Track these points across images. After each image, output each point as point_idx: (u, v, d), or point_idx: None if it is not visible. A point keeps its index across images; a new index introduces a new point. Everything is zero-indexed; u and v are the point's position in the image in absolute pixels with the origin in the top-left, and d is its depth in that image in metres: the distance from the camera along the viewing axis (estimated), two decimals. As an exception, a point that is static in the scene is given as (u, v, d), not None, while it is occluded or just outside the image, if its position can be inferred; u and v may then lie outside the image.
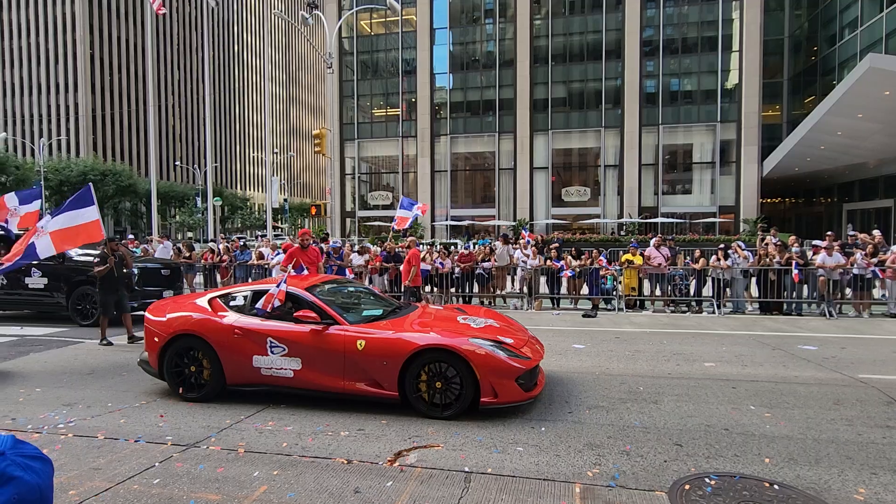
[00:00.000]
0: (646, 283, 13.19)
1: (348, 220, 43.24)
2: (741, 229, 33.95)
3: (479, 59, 41.28)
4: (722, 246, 12.52)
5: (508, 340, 5.39)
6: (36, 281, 10.87)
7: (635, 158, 37.63)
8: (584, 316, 11.59)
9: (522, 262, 12.99)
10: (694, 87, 37.75)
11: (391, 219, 15.25)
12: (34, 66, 72.30)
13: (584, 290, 12.96)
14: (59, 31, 71.22)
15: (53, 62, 71.61)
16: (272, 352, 5.49)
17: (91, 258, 11.06)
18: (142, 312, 10.48)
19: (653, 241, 13.03)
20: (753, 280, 12.39)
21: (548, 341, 7.61)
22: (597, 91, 38.87)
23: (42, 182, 44.27)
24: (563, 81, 39.43)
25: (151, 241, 19.04)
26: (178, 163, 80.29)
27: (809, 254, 12.32)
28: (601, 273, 12.26)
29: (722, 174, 37.16)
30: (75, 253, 11.07)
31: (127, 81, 76.72)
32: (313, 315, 5.49)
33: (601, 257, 12.60)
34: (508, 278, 14.04)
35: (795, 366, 7.12)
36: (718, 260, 12.02)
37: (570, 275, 12.37)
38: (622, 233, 35.42)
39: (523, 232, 15.78)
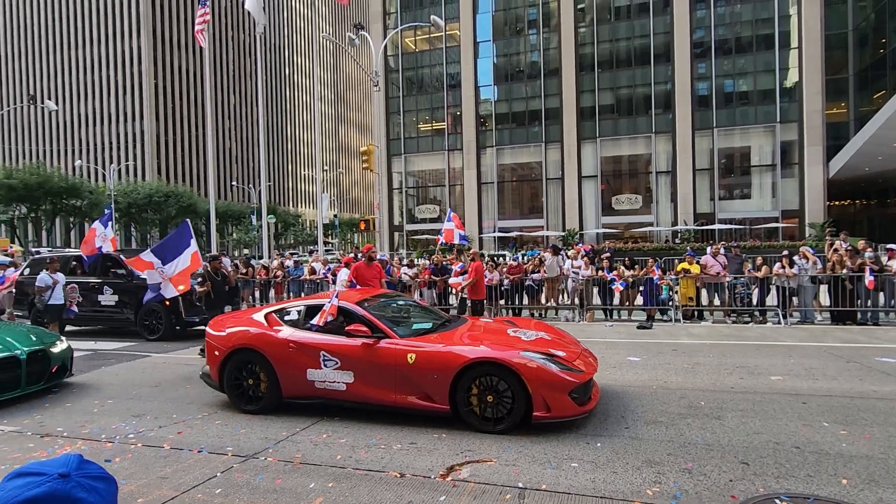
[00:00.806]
0: (704, 293, 12.66)
1: (396, 234, 43.83)
2: (807, 234, 32.17)
3: (524, 69, 41.24)
4: (786, 252, 11.88)
5: (560, 353, 5.29)
6: (108, 298, 11.55)
7: (689, 163, 36.44)
8: (638, 327, 11.23)
9: (573, 272, 12.74)
10: (750, 87, 36.30)
11: (438, 232, 15.34)
12: (105, 97, 77.58)
13: (639, 300, 12.57)
14: (127, 65, 76.22)
15: (122, 93, 76.62)
16: (325, 365, 5.60)
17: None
18: (202, 327, 10.95)
19: (709, 250, 12.51)
20: (823, 288, 11.67)
21: (601, 354, 7.42)
22: (646, 96, 38.01)
23: (112, 205, 47.22)
24: (610, 88, 38.80)
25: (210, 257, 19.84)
26: (234, 183, 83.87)
27: (884, 259, 11.50)
28: (657, 283, 11.86)
29: (784, 177, 35.42)
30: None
31: (187, 108, 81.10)
32: (364, 329, 5.57)
33: (655, 267, 12.19)
34: (559, 290, 13.81)
35: (873, 380, 6.63)
36: (783, 267, 11.40)
37: (621, 288, 12.02)
38: (677, 241, 34.24)
39: (578, 246, 15.50)
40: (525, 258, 16.60)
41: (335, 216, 70.93)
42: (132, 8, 75.68)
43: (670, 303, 12.03)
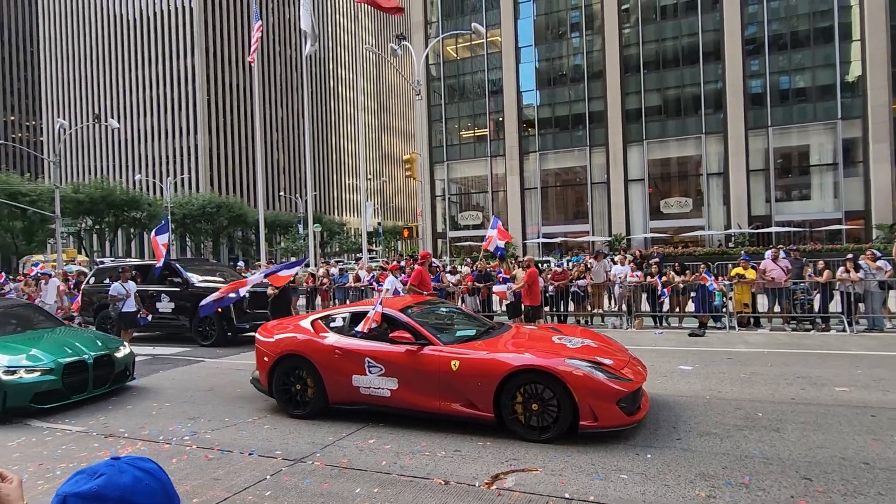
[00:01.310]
0: (760, 299, 12.09)
1: (439, 241, 44.02)
2: (874, 236, 30.29)
3: (567, 73, 40.79)
4: (851, 256, 11.22)
5: (607, 361, 5.16)
6: (165, 306, 12.07)
7: (742, 164, 35.05)
8: (690, 335, 10.84)
9: (620, 278, 12.44)
10: (808, 83, 34.64)
11: (482, 238, 15.28)
12: (162, 114, 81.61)
13: (690, 307, 12.14)
14: (182, 83, 80.00)
15: (178, 110, 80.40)
16: (370, 371, 5.66)
17: (212, 284, 12.12)
18: (252, 333, 11.28)
19: (768, 254, 11.94)
20: (893, 293, 10.95)
21: (651, 362, 7.19)
22: (695, 96, 36.86)
23: (169, 216, 49.52)
24: (657, 89, 37.84)
25: (259, 266, 20.47)
26: (281, 193, 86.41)
27: (962, 262, 10.69)
28: (710, 289, 11.41)
29: (847, 176, 33.53)
30: (197, 280, 12.20)
31: (238, 122, 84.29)
32: (408, 336, 5.60)
33: (705, 273, 11.73)
34: (605, 296, 13.51)
35: (952, 392, 6.16)
36: (847, 271, 10.76)
37: (664, 298, 11.64)
38: (730, 245, 32.91)
39: (626, 253, 15.11)
40: (570, 264, 16.33)
41: (379, 224, 71.93)
42: (187, 28, 79.47)
43: (724, 309, 11.56)
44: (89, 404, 6.94)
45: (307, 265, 10.08)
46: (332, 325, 6.29)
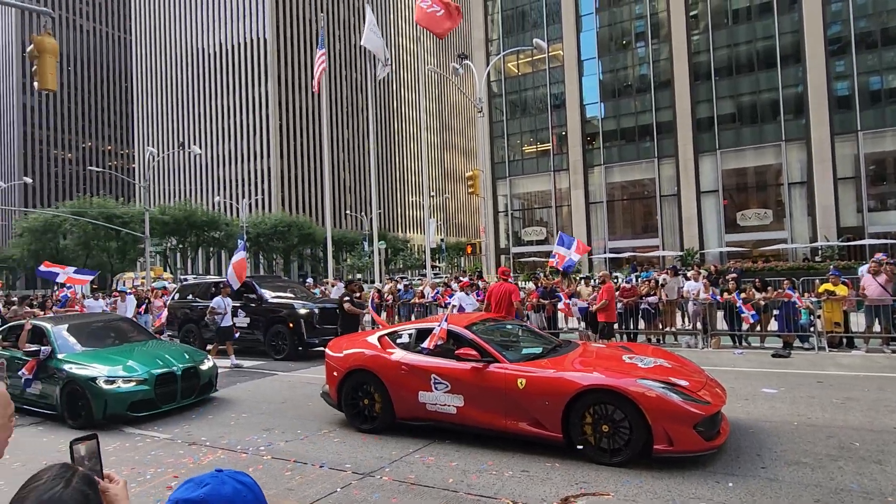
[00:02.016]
0: (854, 318, 11.14)
1: (502, 257, 43.80)
2: None
3: (632, 83, 39.84)
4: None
5: (683, 383, 4.92)
6: (241, 320, 12.69)
7: (828, 172, 32.70)
8: (773, 356, 10.14)
9: (693, 295, 11.87)
10: (901, 83, 31.98)
11: (546, 254, 15.11)
12: (238, 139, 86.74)
13: (773, 325, 11.37)
14: (257, 109, 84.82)
15: (252, 135, 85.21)
16: (436, 388, 5.68)
17: (284, 301, 12.64)
18: (322, 348, 11.62)
19: (865, 268, 10.98)
20: None
21: (730, 384, 6.78)
22: (773, 102, 34.91)
23: (244, 235, 52.29)
24: (730, 96, 36.18)
25: (327, 283, 21.11)
26: (348, 212, 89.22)
27: None
28: (796, 306, 10.64)
29: (952, 182, 30.51)
30: (270, 296, 12.76)
31: (307, 145, 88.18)
32: (473, 353, 5.59)
33: (789, 290, 10.95)
34: (678, 313, 12.92)
35: None
36: (955, 287, 9.73)
37: (752, 319, 10.93)
38: (817, 258, 30.64)
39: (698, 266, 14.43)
40: (639, 280, 15.78)
41: (442, 241, 72.66)
42: (261, 59, 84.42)
43: (811, 328, 10.75)
44: (175, 413, 7.38)
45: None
46: (398, 341, 6.39)
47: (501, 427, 5.31)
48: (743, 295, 11.33)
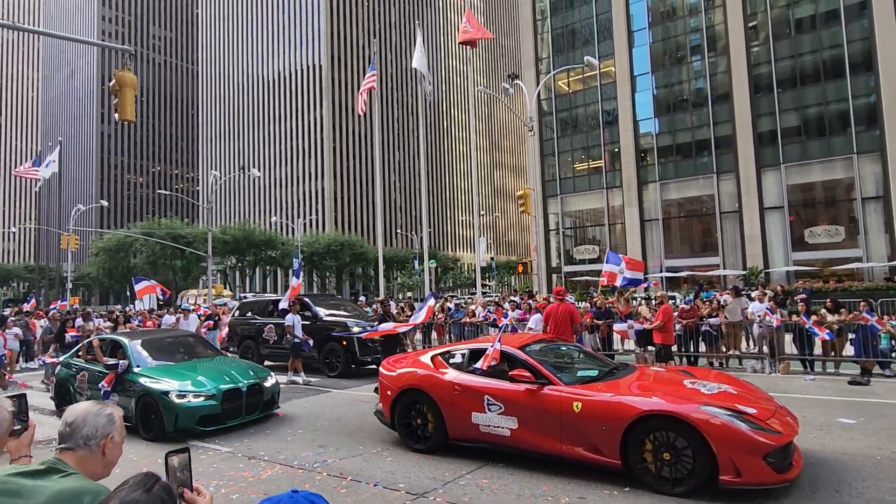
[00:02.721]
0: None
1: (554, 276, 43.16)
2: None
3: (688, 98, 38.81)
4: None
5: (750, 410, 4.67)
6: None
7: (907, 186, 30.55)
8: (850, 383, 9.46)
9: (759, 316, 11.27)
10: None
11: (598, 273, 14.72)
12: (294, 162, 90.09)
13: (849, 350, 10.63)
14: (312, 133, 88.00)
15: (308, 158, 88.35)
16: (489, 409, 5.63)
17: (337, 318, 12.90)
18: (374, 366, 11.75)
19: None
20: None
21: (802, 413, 6.37)
22: (842, 113, 33.09)
23: (299, 254, 53.96)
24: (794, 108, 34.58)
25: (379, 302, 21.37)
26: (399, 231, 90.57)
27: None
28: (876, 330, 9.92)
29: None
30: (324, 313, 13.04)
31: (359, 166, 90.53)
32: (527, 374, 5.51)
33: (866, 313, 10.23)
34: (743, 336, 12.29)
35: None
36: None
37: (827, 338, 10.25)
38: (896, 278, 28.54)
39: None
40: (700, 300, 15.15)
41: (492, 259, 72.45)
42: (316, 84, 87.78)
43: (893, 354, 9.98)
44: (236, 427, 7.60)
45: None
46: (451, 361, 6.38)
47: (557, 451, 5.19)
48: (814, 317, 10.68)
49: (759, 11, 35.87)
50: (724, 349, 12.02)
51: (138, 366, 7.93)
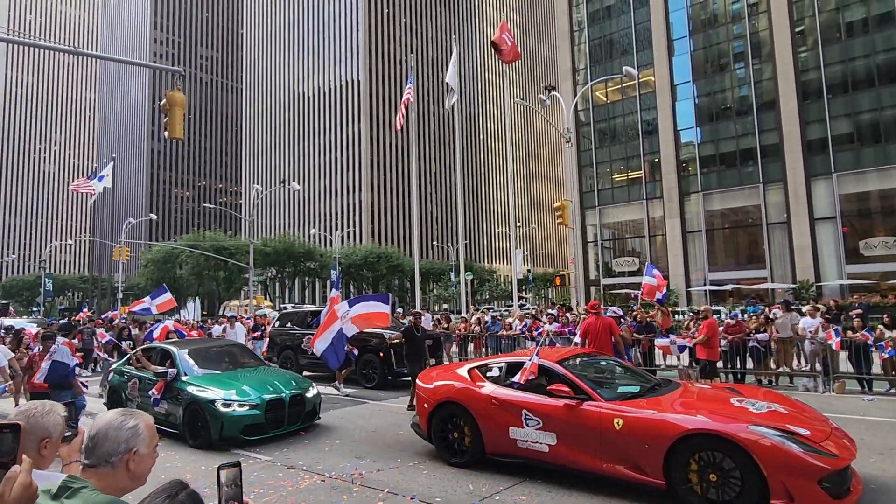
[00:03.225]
0: None
1: (592, 289, 42.44)
2: None
3: (732, 106, 37.78)
4: None
5: (803, 431, 4.45)
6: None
7: (971, 195, 28.79)
8: (912, 404, 8.91)
9: (811, 332, 10.77)
10: None
11: (639, 286, 14.38)
12: (333, 175, 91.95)
13: (909, 368, 10.03)
14: (350, 146, 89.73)
15: (345, 171, 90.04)
16: (527, 424, 5.54)
17: (374, 330, 13.00)
18: (410, 378, 11.75)
19: None
20: None
21: (860, 436, 6.03)
22: (897, 118, 31.58)
23: (337, 266, 54.80)
24: (846, 115, 33.19)
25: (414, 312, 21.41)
26: (435, 243, 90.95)
27: None
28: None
29: None
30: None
31: (396, 179, 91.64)
32: (566, 389, 5.41)
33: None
34: (794, 353, 11.76)
35: None
36: None
37: (887, 355, 9.70)
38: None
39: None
40: (746, 315, 14.60)
41: (529, 271, 71.79)
42: (355, 99, 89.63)
43: (960, 374, 9.35)
44: (277, 438, 7.70)
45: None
46: (488, 374, 6.33)
47: (597, 469, 5.06)
48: (875, 333, 10.13)
49: (807, 16, 34.73)
50: (773, 366, 11.53)
51: (186, 374, 8.13)
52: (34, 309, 57.07)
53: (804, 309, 12.30)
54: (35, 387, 7.43)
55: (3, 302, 38.33)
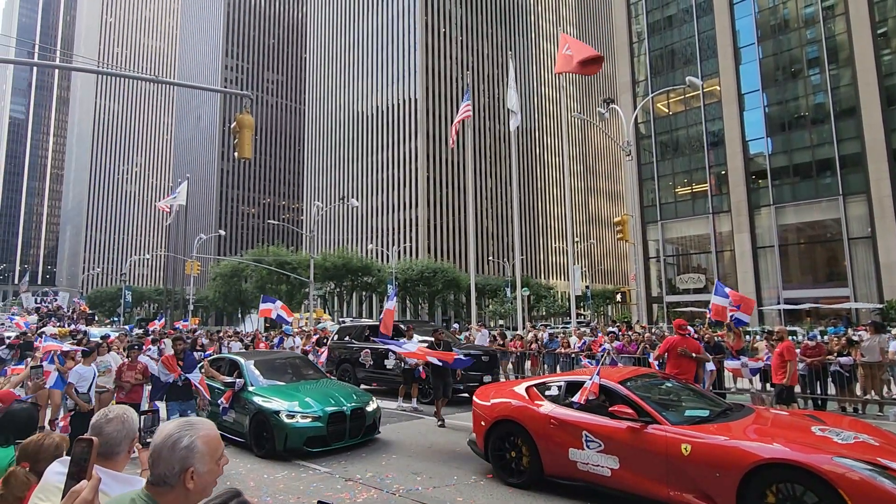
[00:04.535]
0: None
1: (655, 306, 40.88)
2: None
3: (806, 114, 35.74)
4: None
5: (895, 465, 4.06)
6: (391, 362, 13.29)
7: None
8: None
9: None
10: None
11: (705, 304, 13.68)
12: (390, 191, 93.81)
13: None
14: (407, 163, 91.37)
15: (403, 187, 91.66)
16: (588, 446, 5.36)
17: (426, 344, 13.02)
18: (466, 395, 11.69)
19: None
20: None
21: (965, 473, 5.42)
22: None
23: (394, 280, 55.56)
24: (936, 121, 30.70)
25: (472, 329, 21.31)
26: (490, 258, 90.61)
27: None
28: None
29: None
30: (418, 340, 13.21)
31: (452, 195, 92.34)
32: (629, 411, 5.19)
33: None
34: (882, 379, 10.82)
35: None
36: None
37: None
38: None
39: None
40: (826, 336, 13.59)
41: (587, 288, 70.09)
42: (412, 117, 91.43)
43: None
44: (336, 451, 7.75)
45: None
46: (547, 393, 6.18)
47: (663, 496, 4.81)
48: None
49: (890, 17, 32.56)
50: (859, 393, 10.65)
51: (252, 384, 8.38)
52: (115, 318, 61.14)
53: (894, 331, 11.31)
54: (120, 399, 7.77)
55: (90, 312, 41.43)
